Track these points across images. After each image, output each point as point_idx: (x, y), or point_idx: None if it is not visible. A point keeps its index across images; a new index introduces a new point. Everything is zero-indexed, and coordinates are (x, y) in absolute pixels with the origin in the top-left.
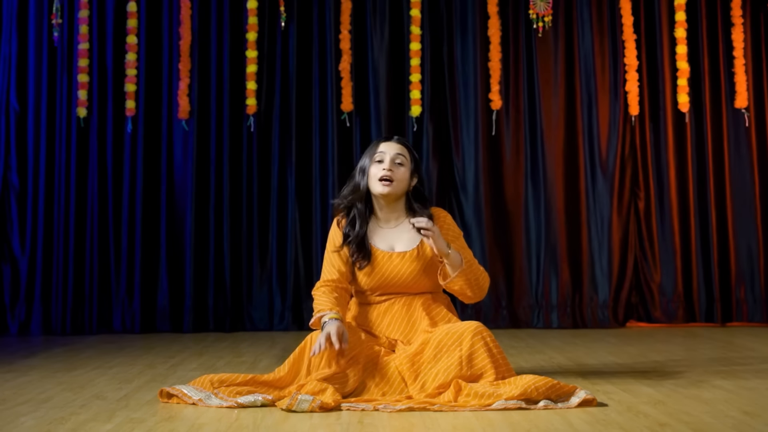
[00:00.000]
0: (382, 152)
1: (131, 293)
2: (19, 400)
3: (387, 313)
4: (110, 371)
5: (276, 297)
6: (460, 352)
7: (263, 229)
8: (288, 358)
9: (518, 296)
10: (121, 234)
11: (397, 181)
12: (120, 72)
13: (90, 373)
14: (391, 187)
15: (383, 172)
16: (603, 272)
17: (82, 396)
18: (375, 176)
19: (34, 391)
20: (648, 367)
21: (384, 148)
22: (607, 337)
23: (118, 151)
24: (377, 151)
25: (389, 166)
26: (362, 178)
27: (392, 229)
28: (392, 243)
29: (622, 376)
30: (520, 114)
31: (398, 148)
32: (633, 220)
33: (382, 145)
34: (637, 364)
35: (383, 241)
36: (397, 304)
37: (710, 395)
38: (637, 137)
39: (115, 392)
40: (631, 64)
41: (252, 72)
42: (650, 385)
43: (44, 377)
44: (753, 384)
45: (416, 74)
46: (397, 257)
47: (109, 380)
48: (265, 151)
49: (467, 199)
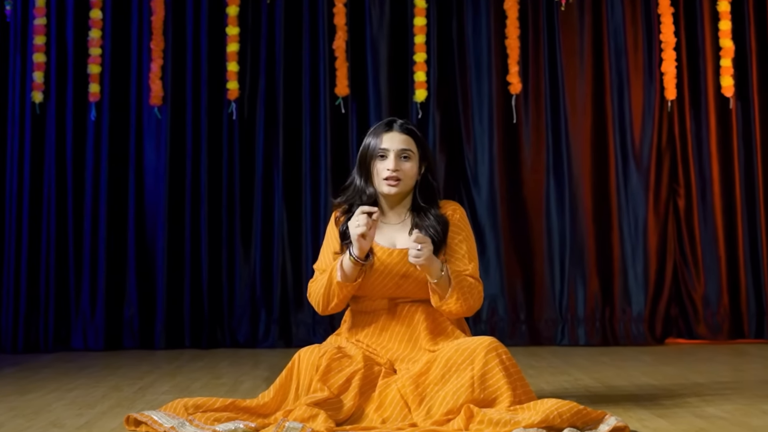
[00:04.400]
0: (385, 148)
1: (94, 304)
2: None
3: (387, 326)
4: (69, 395)
5: (261, 309)
6: (471, 371)
7: (246, 231)
8: (274, 382)
9: (539, 308)
10: (83, 236)
11: (404, 179)
12: (82, 51)
13: (46, 396)
14: (398, 186)
15: (388, 172)
16: (637, 281)
17: (37, 424)
18: (380, 175)
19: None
20: (688, 390)
21: (387, 142)
22: (642, 355)
23: (79, 142)
24: (380, 146)
25: (394, 164)
26: (362, 177)
27: (395, 225)
28: (394, 239)
29: (659, 400)
30: (541, 99)
31: (403, 140)
32: (671, 221)
33: (385, 139)
34: (675, 387)
35: (384, 237)
36: (398, 315)
37: (760, 422)
38: (675, 125)
39: (75, 419)
40: (668, 42)
41: (233, 51)
42: (691, 410)
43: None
44: None
45: (421, 53)
46: (398, 254)
47: (68, 405)
48: (249, 142)
49: (480, 196)
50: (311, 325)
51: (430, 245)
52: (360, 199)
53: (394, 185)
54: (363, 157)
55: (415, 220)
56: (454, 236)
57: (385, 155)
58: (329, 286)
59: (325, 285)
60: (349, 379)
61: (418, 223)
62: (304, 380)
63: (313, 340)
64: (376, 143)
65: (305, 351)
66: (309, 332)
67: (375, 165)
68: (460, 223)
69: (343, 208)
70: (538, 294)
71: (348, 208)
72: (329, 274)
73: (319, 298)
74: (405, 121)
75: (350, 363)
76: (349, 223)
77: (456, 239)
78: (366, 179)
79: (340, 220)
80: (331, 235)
